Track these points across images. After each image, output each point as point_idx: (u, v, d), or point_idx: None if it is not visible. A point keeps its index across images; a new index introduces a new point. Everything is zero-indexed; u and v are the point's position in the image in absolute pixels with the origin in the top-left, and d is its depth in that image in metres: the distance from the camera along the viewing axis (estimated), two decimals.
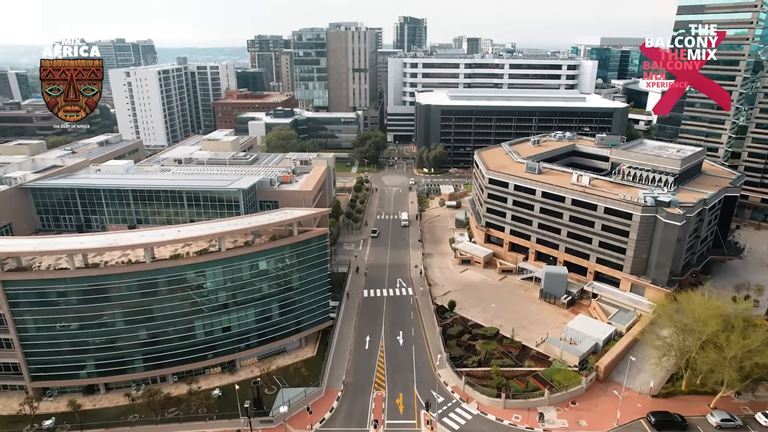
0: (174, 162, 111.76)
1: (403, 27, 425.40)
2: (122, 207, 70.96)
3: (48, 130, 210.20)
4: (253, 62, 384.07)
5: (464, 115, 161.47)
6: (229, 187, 68.40)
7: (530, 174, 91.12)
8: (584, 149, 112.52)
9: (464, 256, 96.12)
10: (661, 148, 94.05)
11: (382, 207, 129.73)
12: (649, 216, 74.42)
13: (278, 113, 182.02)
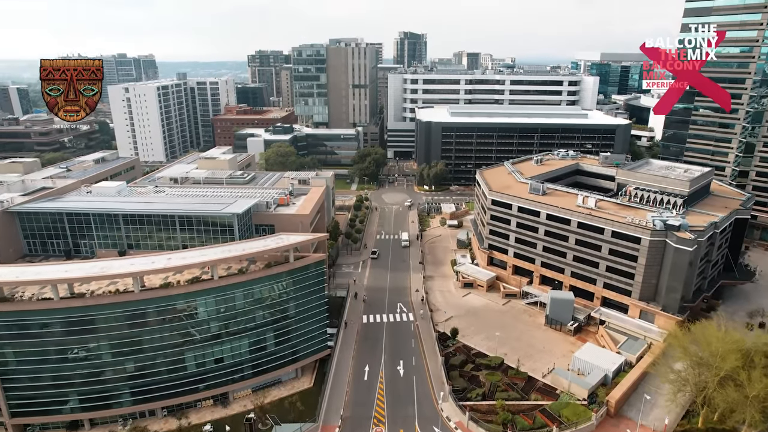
0: (170, 181, 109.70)
1: (403, 42, 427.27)
2: (112, 231, 68.44)
3: (46, 145, 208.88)
4: (253, 77, 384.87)
5: (465, 132, 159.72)
6: (223, 212, 65.98)
7: (534, 195, 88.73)
8: (588, 168, 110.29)
9: (466, 280, 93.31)
10: (668, 169, 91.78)
11: (382, 226, 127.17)
12: (658, 240, 71.80)
13: (277, 130, 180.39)
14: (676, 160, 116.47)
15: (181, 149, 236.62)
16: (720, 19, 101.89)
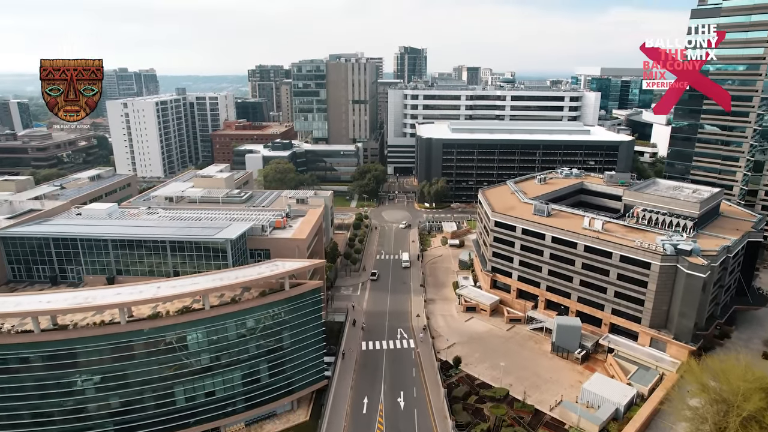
0: (165, 200, 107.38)
1: (403, 57, 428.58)
2: (101, 257, 65.64)
3: (43, 161, 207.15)
4: (253, 91, 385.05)
5: (466, 149, 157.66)
6: (216, 237, 63.30)
7: (539, 217, 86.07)
8: (593, 187, 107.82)
9: (469, 304, 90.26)
10: (675, 189, 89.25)
11: (382, 246, 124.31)
12: (669, 266, 68.97)
13: (276, 146, 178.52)
14: (682, 178, 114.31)
15: (179, 165, 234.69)
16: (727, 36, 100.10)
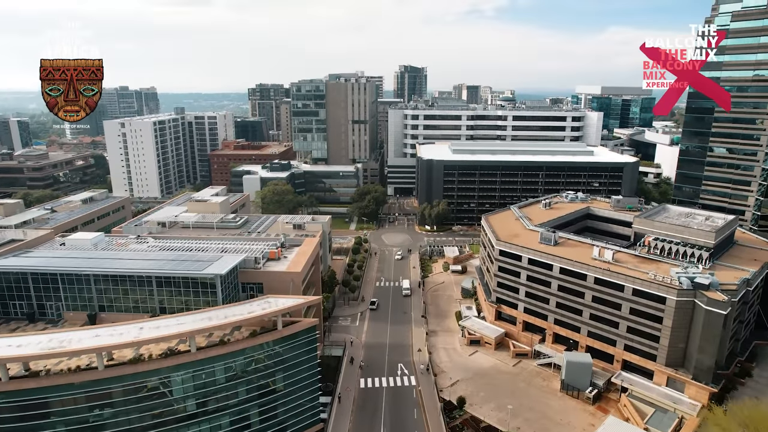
0: (158, 225, 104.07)
1: (403, 75, 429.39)
2: (82, 292, 61.76)
3: (39, 181, 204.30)
4: (253, 110, 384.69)
5: (468, 170, 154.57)
6: (205, 272, 59.52)
7: (545, 246, 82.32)
8: (600, 212, 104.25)
9: (473, 336, 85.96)
10: (688, 216, 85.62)
11: (382, 272, 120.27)
12: (686, 301, 64.97)
13: (274, 167, 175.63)
14: (691, 202, 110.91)
15: (177, 185, 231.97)
16: (735, 58, 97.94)
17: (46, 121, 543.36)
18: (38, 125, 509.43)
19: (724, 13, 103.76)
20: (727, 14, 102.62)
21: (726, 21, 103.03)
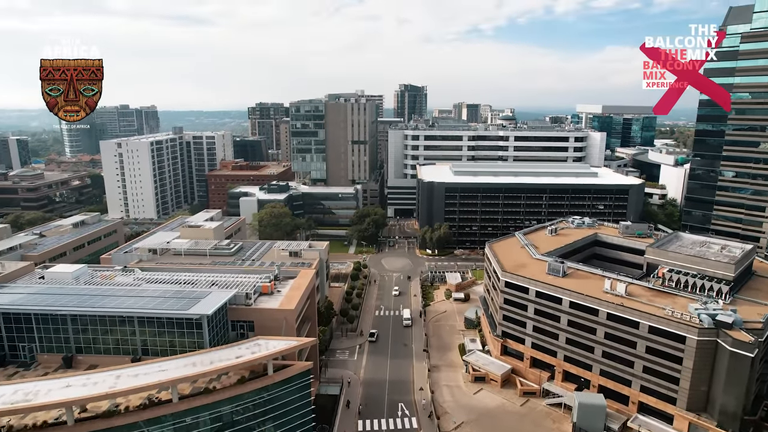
0: (148, 252, 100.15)
1: (403, 94, 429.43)
2: (57, 333, 57.33)
3: (33, 201, 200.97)
4: (253, 129, 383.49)
5: (470, 193, 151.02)
6: (190, 312, 55.22)
7: (553, 277, 78.12)
8: (608, 239, 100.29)
9: (478, 373, 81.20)
10: (703, 245, 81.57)
11: (382, 300, 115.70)
12: (708, 340, 60.55)
13: (272, 188, 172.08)
14: (702, 228, 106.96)
15: (174, 205, 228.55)
16: (747, 80, 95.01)
17: (47, 140, 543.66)
18: (39, 143, 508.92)
19: (733, 34, 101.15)
20: (736, 36, 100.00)
21: (734, 43, 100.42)
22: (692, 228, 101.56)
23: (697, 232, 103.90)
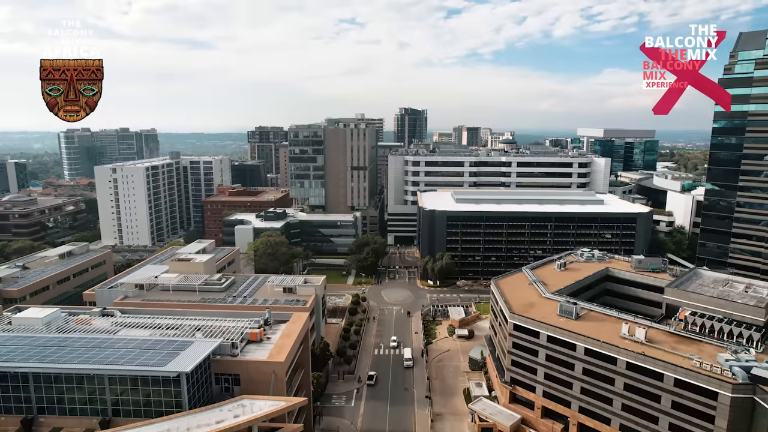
0: (135, 287, 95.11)
1: (403, 118, 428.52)
2: (17, 392, 51.55)
3: (25, 228, 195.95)
4: (252, 153, 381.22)
5: (472, 221, 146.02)
6: (166, 369, 49.50)
7: (566, 319, 72.44)
8: (620, 275, 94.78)
9: (485, 424, 74.84)
10: (725, 285, 76.12)
11: (381, 336, 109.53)
12: (744, 398, 54.63)
13: (269, 216, 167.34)
14: (719, 262, 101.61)
15: (169, 232, 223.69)
16: (760, 108, 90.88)
17: (47, 162, 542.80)
18: (39, 165, 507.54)
19: (745, 60, 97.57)
20: (749, 62, 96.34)
21: (748, 69, 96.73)
22: (709, 262, 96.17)
23: (714, 267, 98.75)
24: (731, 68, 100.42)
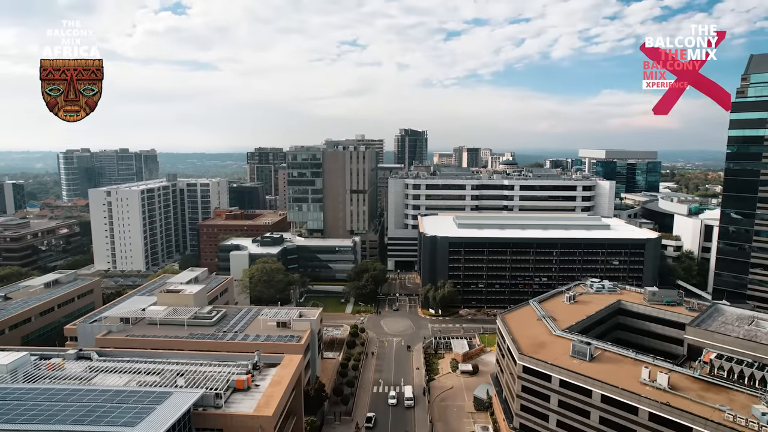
0: (120, 321, 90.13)
1: (404, 139, 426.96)
2: None
3: (15, 252, 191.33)
4: (252, 174, 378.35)
5: (475, 248, 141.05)
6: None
7: (579, 361, 67.06)
8: (633, 308, 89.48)
9: None
10: (751, 323, 70.88)
11: (381, 372, 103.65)
12: None
13: (266, 241, 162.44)
14: (737, 294, 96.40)
15: (164, 256, 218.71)
16: None
17: (48, 182, 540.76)
18: (39, 186, 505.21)
19: (758, 83, 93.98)
20: (762, 85, 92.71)
21: (761, 92, 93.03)
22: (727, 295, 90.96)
23: (733, 300, 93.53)
24: (744, 91, 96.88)
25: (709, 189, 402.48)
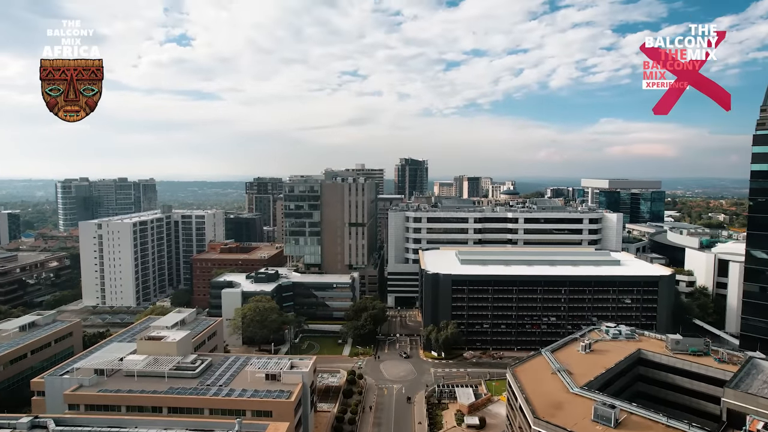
0: (94, 374, 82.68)
1: (404, 168, 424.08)
2: None
3: (2, 287, 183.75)
4: (250, 204, 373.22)
5: (479, 286, 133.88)
6: None
7: (603, 427, 59.42)
8: (655, 358, 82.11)
9: None
10: None
11: (380, 426, 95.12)
12: None
13: (260, 277, 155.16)
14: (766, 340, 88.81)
15: (157, 290, 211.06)
16: None
17: (46, 210, 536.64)
18: (38, 214, 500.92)
19: None
20: None
21: None
22: (760, 344, 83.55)
23: (765, 348, 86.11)
24: (764, 123, 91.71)
25: (712, 218, 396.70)
